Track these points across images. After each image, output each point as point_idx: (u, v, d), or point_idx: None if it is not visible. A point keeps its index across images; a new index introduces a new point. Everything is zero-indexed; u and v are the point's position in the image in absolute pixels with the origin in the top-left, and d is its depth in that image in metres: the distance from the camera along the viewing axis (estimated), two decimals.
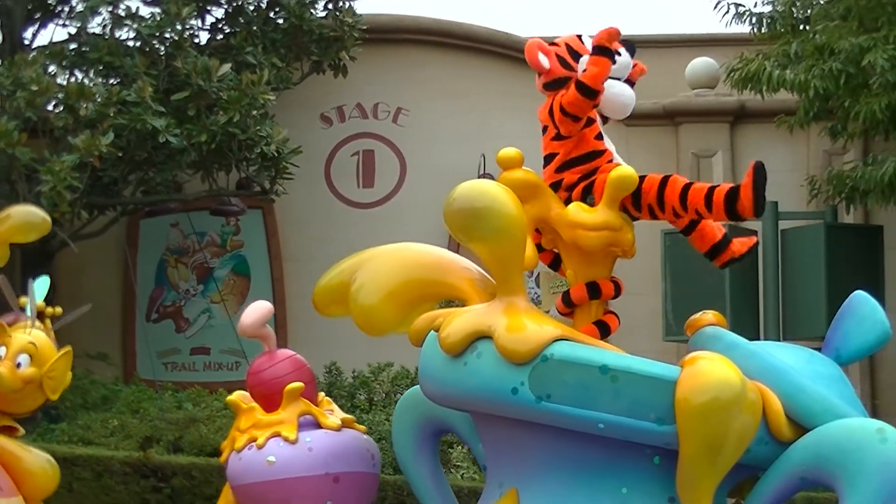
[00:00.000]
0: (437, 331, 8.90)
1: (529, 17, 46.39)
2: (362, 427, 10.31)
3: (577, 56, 9.40)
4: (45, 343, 9.75)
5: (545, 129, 9.63)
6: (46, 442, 18.24)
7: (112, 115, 19.29)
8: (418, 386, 10.22)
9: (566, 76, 9.32)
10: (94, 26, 21.62)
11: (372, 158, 23.95)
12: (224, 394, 19.63)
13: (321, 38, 22.29)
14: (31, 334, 9.74)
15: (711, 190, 9.07)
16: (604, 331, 9.33)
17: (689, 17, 53.94)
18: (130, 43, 21.11)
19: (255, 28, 21.90)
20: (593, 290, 9.32)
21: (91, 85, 20.56)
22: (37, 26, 22.72)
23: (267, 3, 22.28)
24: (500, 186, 8.66)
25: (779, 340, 20.87)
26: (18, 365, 9.50)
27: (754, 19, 22.29)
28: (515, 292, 8.77)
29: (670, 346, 21.83)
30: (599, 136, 9.45)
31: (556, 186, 9.47)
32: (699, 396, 8.08)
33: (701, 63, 24.65)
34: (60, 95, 20.05)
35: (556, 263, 9.69)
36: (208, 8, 22.24)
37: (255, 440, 9.81)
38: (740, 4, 22.37)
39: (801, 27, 21.81)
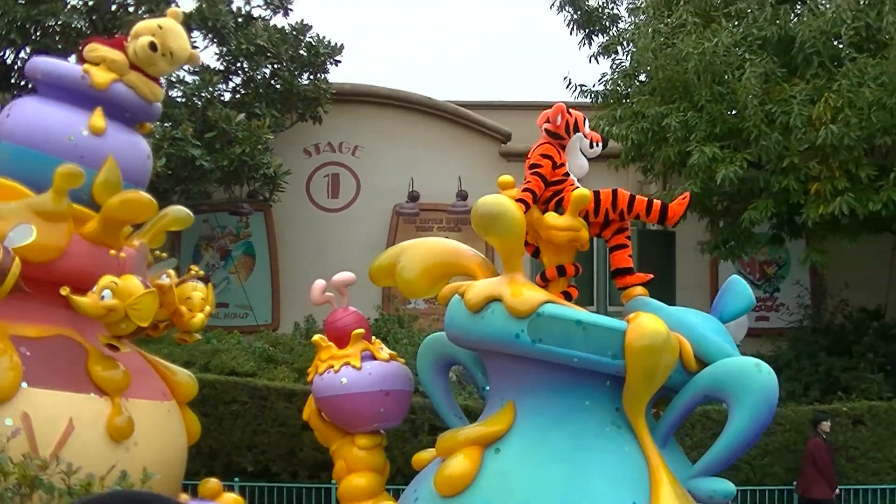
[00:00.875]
0: (461, 295, 9.66)
1: (448, 85, 47.49)
2: (402, 360, 11.01)
3: (575, 130, 10.67)
4: (130, 283, 9.79)
5: (532, 165, 10.60)
6: None
7: (165, 146, 20.78)
8: (435, 333, 11.18)
9: (560, 136, 10.63)
10: None
11: (338, 179, 25.67)
12: (237, 335, 21.20)
13: (305, 98, 23.88)
14: (121, 278, 9.77)
15: (650, 202, 10.41)
16: (567, 298, 10.17)
17: (550, 88, 56.43)
18: (178, 98, 22.60)
19: (261, 90, 23.42)
20: (561, 271, 10.33)
21: (151, 126, 22.50)
22: None
23: (269, 74, 23.71)
24: (508, 199, 9.68)
25: (606, 307, 22.95)
26: (102, 297, 9.73)
27: (593, 94, 24.48)
28: (517, 270, 9.56)
29: None
30: (564, 171, 10.54)
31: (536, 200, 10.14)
32: (640, 341, 9.03)
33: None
34: None
35: (536, 253, 10.50)
36: (230, 77, 23.68)
37: (332, 367, 10.61)
38: (583, 85, 24.44)
39: (623, 100, 23.56)
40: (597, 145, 10.65)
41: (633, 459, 9.35)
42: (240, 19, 23.90)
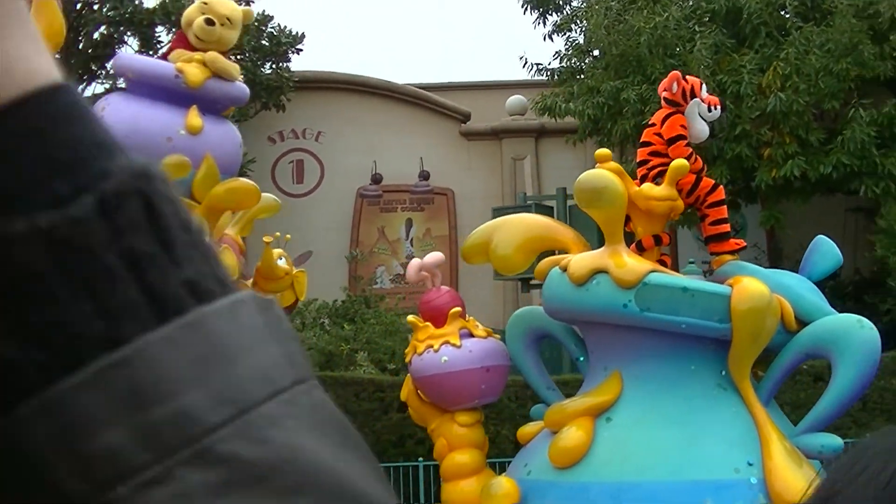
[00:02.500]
0: (562, 269, 9.64)
1: (408, 68, 47.78)
2: (497, 335, 10.90)
3: (692, 96, 10.48)
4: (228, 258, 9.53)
5: (653, 124, 10.69)
6: None
7: None
8: (526, 307, 11.41)
9: (678, 103, 10.45)
10: (121, 83, 23.41)
11: (302, 165, 25.40)
12: None
13: (268, 87, 23.61)
14: None
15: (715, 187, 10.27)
16: (663, 265, 10.13)
17: (507, 67, 56.36)
18: None
19: None
20: (657, 240, 10.30)
21: None
22: (85, 83, 23.73)
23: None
24: (611, 173, 9.54)
25: None
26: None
27: (549, 72, 24.38)
28: (619, 242, 9.57)
29: (498, 283, 23.81)
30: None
31: (642, 163, 10.58)
32: (745, 303, 9.06)
33: (515, 99, 26.30)
34: None
35: (626, 222, 10.22)
36: None
37: (431, 346, 10.41)
38: (539, 63, 24.41)
39: (578, 76, 23.62)
40: (715, 109, 10.59)
41: (743, 420, 9.43)
42: None
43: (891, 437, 1.53)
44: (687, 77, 10.83)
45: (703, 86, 10.72)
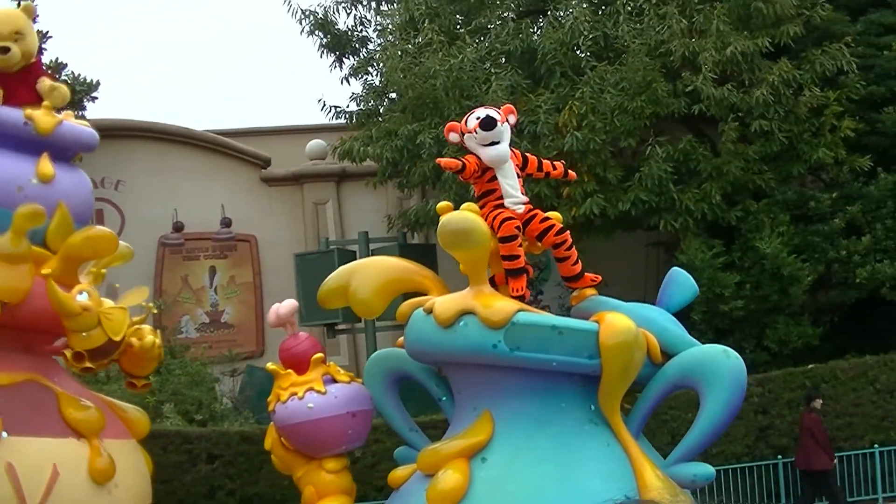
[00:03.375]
0: (426, 311, 9.64)
1: (206, 115, 47.06)
2: (359, 380, 10.80)
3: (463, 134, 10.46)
4: (104, 300, 9.47)
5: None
6: None
7: None
8: (383, 350, 11.31)
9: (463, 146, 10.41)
10: None
11: (102, 215, 23.61)
12: None
13: None
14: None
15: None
16: (520, 300, 10.06)
17: (307, 112, 56.02)
18: None
19: None
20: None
21: None
22: None
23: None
24: (475, 216, 9.67)
25: (373, 322, 22.70)
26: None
27: (347, 115, 24.08)
28: (483, 282, 9.67)
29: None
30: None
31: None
32: (614, 338, 9.19)
33: (315, 143, 25.88)
34: None
35: None
36: None
37: (296, 394, 10.27)
38: (338, 106, 24.05)
39: (376, 118, 23.43)
40: (478, 131, 10.49)
41: (616, 453, 9.53)
42: None
43: None
44: (452, 123, 10.98)
45: (470, 116, 10.66)
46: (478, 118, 10.42)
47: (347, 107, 24.53)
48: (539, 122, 20.51)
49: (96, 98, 24.21)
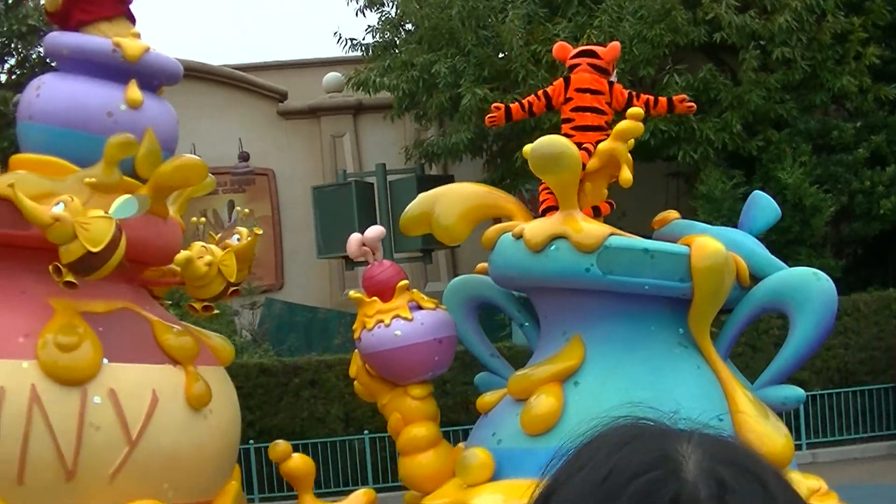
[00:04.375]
0: (516, 236, 9.48)
1: (222, 49, 46.73)
2: (443, 306, 10.47)
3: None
4: (216, 248, 9.38)
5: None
6: None
7: None
8: (462, 276, 11.16)
9: (608, 72, 10.44)
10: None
11: None
12: None
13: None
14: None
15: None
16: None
17: (323, 45, 55.26)
18: None
19: (36, 70, 21.72)
20: (596, 211, 10.15)
21: None
22: None
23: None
24: (566, 140, 9.42)
25: (391, 254, 23.01)
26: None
27: (363, 47, 23.59)
28: (574, 207, 9.46)
29: (322, 262, 23.77)
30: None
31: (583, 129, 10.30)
32: (704, 262, 9.01)
33: (332, 76, 25.64)
34: None
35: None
36: (5, 59, 22.83)
37: (382, 321, 9.97)
38: (354, 38, 23.60)
39: (392, 50, 23.00)
40: None
41: (706, 376, 9.46)
42: (9, 1, 23.21)
43: (616, 432, 1.60)
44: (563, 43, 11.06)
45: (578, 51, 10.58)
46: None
47: (363, 39, 24.10)
48: None
49: None
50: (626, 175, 9.59)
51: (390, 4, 23.94)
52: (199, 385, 9.06)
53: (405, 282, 10.29)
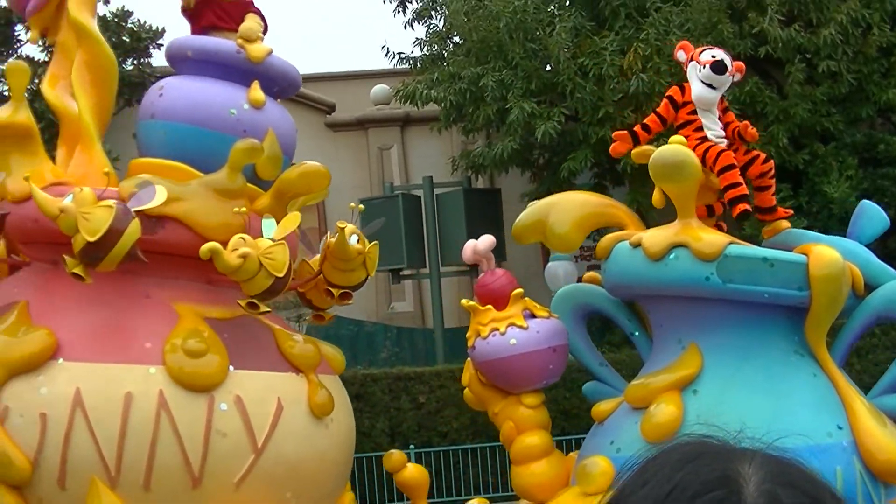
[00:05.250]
0: (633, 245, 9.57)
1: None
2: (556, 315, 10.46)
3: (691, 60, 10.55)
4: (258, 240, 8.73)
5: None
6: None
7: None
8: (570, 285, 11.15)
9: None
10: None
11: None
12: None
13: (130, 83, 22.04)
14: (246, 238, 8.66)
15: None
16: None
17: (371, 57, 55.30)
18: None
19: None
20: (710, 210, 10.41)
21: None
22: None
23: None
24: (687, 149, 9.43)
25: (437, 267, 22.75)
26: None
27: (411, 61, 23.55)
28: (692, 216, 9.56)
29: None
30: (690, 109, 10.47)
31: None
32: (823, 270, 9.04)
33: (379, 88, 25.57)
34: None
35: None
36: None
37: (497, 329, 9.98)
38: (402, 52, 23.60)
39: (440, 63, 22.87)
40: (705, 68, 10.33)
41: (823, 384, 9.45)
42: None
43: (681, 450, 1.61)
44: (686, 42, 11.24)
45: (706, 50, 10.58)
46: (714, 56, 10.35)
47: (411, 53, 24.13)
48: (604, 65, 20.07)
49: (162, 45, 23.52)
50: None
51: (438, 17, 23.96)
52: (321, 393, 9.01)
53: (520, 290, 10.27)
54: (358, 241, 9.12)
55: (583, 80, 20.16)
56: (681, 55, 10.67)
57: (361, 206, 9.92)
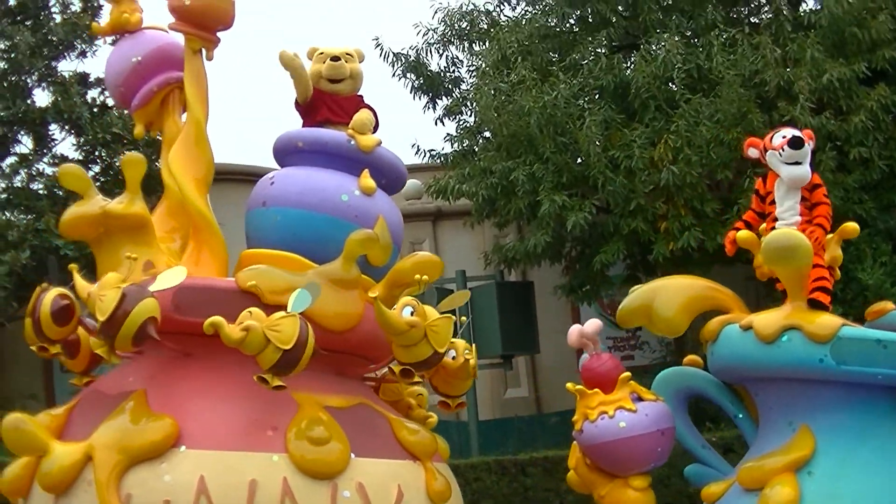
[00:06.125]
0: (744, 328, 9.58)
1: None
2: (661, 398, 10.46)
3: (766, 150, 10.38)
4: (428, 308, 9.01)
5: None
6: None
7: (29, 238, 20.45)
8: (670, 368, 11.11)
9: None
10: (17, 182, 22.66)
11: None
12: None
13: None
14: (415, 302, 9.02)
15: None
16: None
17: (403, 153, 55.45)
18: (40, 191, 22.29)
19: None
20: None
21: (14, 219, 21.67)
22: None
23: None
24: (800, 233, 9.50)
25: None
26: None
27: (442, 157, 23.71)
28: (803, 299, 9.53)
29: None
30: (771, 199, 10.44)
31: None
32: None
33: (412, 184, 24.65)
34: None
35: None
36: (89, 166, 22.76)
37: (606, 412, 10.00)
38: (433, 150, 23.75)
39: (471, 157, 22.88)
40: (785, 149, 10.09)
41: None
42: (95, 109, 23.57)
43: None
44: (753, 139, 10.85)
45: (775, 134, 10.41)
46: (784, 136, 10.23)
47: (442, 149, 24.25)
48: (634, 157, 20.02)
49: None
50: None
51: (468, 113, 24.05)
52: (439, 481, 9.03)
53: (627, 374, 10.25)
54: (413, 312, 8.81)
55: (613, 172, 20.11)
56: (752, 152, 10.55)
57: (426, 277, 9.57)
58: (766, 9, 22.72)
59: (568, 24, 23.12)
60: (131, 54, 9.78)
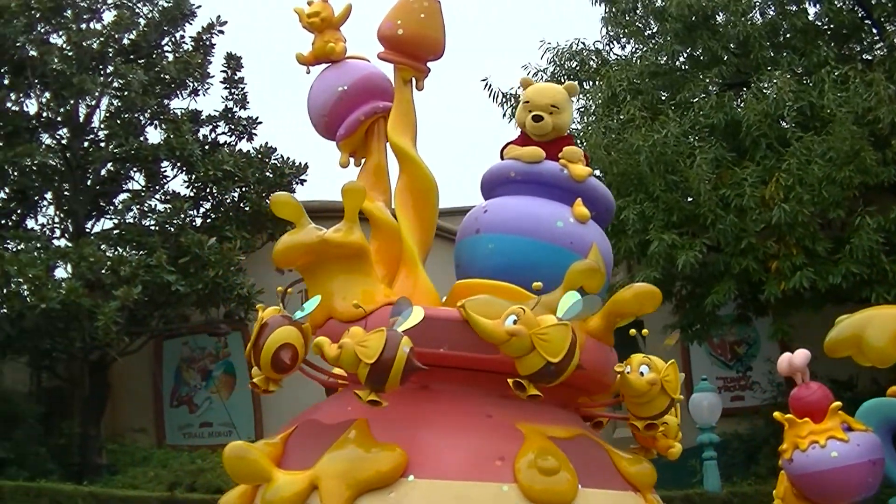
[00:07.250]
0: None
1: None
2: (871, 429, 10.27)
3: None
4: (546, 317, 8.40)
5: None
6: (107, 486, 19.29)
7: (141, 274, 20.51)
8: (873, 399, 10.78)
9: None
10: (129, 218, 23.14)
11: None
12: (221, 453, 20.55)
13: (274, 218, 22.77)
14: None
15: None
16: None
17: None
18: (152, 227, 22.50)
19: (230, 214, 23.12)
20: None
21: (126, 255, 21.85)
22: (93, 220, 23.73)
23: (238, 197, 23.40)
24: None
25: None
26: (641, 374, 8.66)
27: None
28: None
29: None
30: None
31: None
32: None
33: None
34: (108, 263, 21.02)
35: None
36: (200, 203, 23.43)
37: (817, 442, 9.88)
38: None
39: None
40: None
41: None
42: (206, 147, 24.19)
43: None
44: None
45: None
46: None
47: None
48: (745, 196, 19.71)
49: (304, 181, 24.51)
50: None
51: None
52: None
53: (837, 403, 10.12)
54: (649, 370, 8.63)
55: (724, 210, 19.90)
56: None
57: (646, 331, 9.62)
58: (879, 45, 22.63)
59: (678, 62, 23.05)
60: (337, 84, 9.62)
